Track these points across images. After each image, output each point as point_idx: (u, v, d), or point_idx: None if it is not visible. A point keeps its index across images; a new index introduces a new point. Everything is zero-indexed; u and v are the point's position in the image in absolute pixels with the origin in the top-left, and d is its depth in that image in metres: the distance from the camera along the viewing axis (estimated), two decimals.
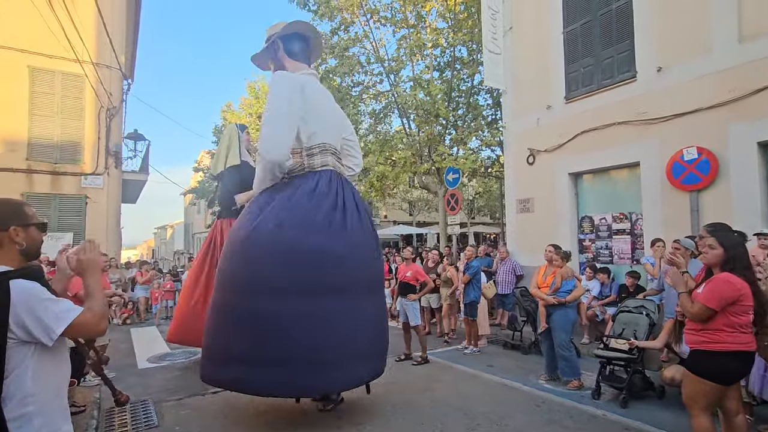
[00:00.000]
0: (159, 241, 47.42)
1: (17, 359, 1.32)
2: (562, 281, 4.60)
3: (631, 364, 4.06)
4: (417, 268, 6.10)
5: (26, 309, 1.32)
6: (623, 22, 6.58)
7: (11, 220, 1.47)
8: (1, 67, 8.98)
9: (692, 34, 5.80)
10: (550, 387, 4.56)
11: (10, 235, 1.45)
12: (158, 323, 9.46)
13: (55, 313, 1.36)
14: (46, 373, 1.40)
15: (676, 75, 5.95)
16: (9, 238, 1.45)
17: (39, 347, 1.37)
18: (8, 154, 9.04)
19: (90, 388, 4.42)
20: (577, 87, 7.21)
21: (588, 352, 5.49)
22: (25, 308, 1.32)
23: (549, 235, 7.11)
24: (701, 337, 2.51)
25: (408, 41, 11.41)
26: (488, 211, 26.20)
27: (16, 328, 1.31)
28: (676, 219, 5.81)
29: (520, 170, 8.19)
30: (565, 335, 4.55)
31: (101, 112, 9.97)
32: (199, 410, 4.00)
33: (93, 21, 9.06)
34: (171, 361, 5.94)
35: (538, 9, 7.92)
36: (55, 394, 1.45)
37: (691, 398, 2.54)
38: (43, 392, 1.37)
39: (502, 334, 6.91)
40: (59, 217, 9.46)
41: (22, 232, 1.48)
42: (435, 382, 4.71)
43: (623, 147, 6.52)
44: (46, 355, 1.39)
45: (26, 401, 1.33)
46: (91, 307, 1.47)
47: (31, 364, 1.35)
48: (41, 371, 1.38)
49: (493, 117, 12.21)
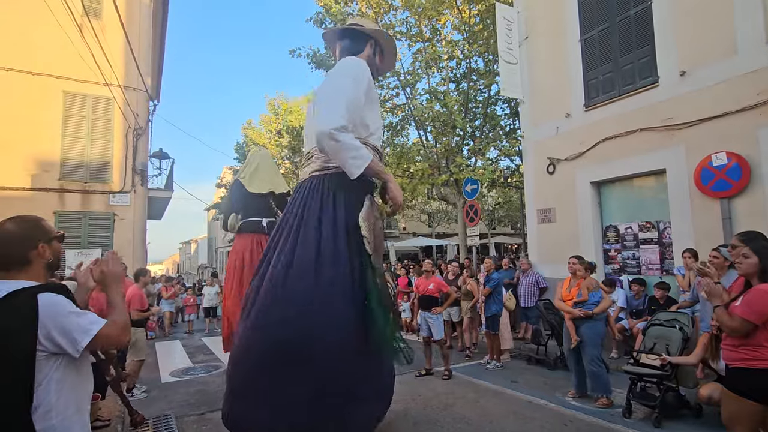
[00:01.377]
0: (184, 256, 48.56)
1: (44, 372, 1.36)
2: (589, 293, 4.45)
3: (664, 381, 3.87)
4: (438, 280, 6.01)
5: (53, 322, 1.36)
6: (643, 27, 6.46)
7: (38, 237, 1.52)
8: (39, 92, 9.50)
9: (715, 36, 5.64)
10: (578, 404, 4.38)
11: (38, 252, 1.50)
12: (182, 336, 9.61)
13: (81, 326, 1.40)
14: (68, 387, 1.42)
15: (701, 79, 5.77)
16: (38, 255, 1.50)
17: (64, 360, 1.40)
18: (43, 174, 9.48)
19: (115, 402, 4.49)
20: (597, 94, 7.08)
21: (617, 367, 5.26)
22: (52, 321, 1.36)
23: (572, 246, 6.92)
24: (741, 353, 2.36)
25: (423, 54, 11.50)
26: (509, 221, 25.84)
27: (45, 340, 1.35)
28: (707, 227, 5.57)
29: (540, 180, 8.05)
30: (595, 350, 4.37)
31: (128, 132, 10.37)
32: (220, 425, 3.99)
33: (121, 46, 9.49)
34: (193, 375, 6.00)
35: (554, 18, 7.87)
36: (77, 410, 1.47)
37: (732, 419, 2.39)
38: (65, 407, 1.40)
39: (525, 349, 6.71)
40: (89, 234, 9.80)
41: (48, 247, 1.54)
42: (457, 398, 4.59)
43: (647, 154, 6.34)
44: (70, 368, 1.43)
45: (49, 415, 1.35)
46: (115, 319, 1.52)
47: (55, 377, 1.38)
48: (64, 385, 1.40)
49: (511, 126, 12.12)
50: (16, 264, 1.46)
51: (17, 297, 1.36)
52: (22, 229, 1.49)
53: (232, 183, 5.03)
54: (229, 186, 5.48)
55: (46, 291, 1.41)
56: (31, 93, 9.42)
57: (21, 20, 9.32)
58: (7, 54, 9.22)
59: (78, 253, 9.27)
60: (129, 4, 10.39)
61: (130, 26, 9.19)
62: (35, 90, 9.46)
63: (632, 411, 4.01)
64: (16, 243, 1.46)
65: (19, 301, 1.36)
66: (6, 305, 1.35)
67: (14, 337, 1.32)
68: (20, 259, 1.46)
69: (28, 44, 9.39)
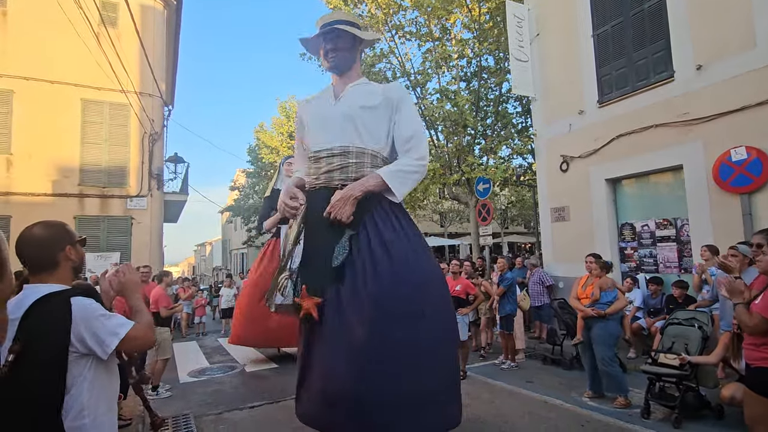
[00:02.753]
0: (199, 258, 49.30)
1: (77, 372, 1.41)
2: (602, 293, 4.39)
3: (684, 381, 3.80)
4: (466, 281, 5.91)
5: (85, 324, 1.41)
6: (657, 21, 6.35)
7: (65, 240, 1.57)
8: (59, 100, 9.78)
9: (732, 29, 5.51)
10: (594, 405, 4.33)
11: (66, 254, 1.56)
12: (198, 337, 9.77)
13: (110, 328, 1.45)
14: (100, 386, 1.47)
15: (718, 72, 5.65)
16: (65, 257, 1.56)
17: (95, 361, 1.45)
18: (63, 180, 9.75)
19: (135, 402, 4.60)
20: (611, 90, 6.98)
21: (635, 367, 5.18)
22: (84, 323, 1.41)
23: (587, 244, 6.84)
24: (762, 352, 2.31)
25: (433, 54, 11.47)
26: (522, 220, 25.58)
27: (77, 342, 1.40)
28: (727, 224, 5.45)
29: (553, 178, 7.97)
30: (608, 350, 4.31)
31: (144, 138, 10.60)
32: (237, 424, 4.07)
33: (136, 53, 9.71)
34: (210, 375, 6.10)
35: (565, 14, 7.78)
36: (108, 408, 1.52)
37: (756, 420, 2.34)
38: (96, 406, 1.45)
39: (541, 348, 6.65)
40: (107, 238, 10.05)
41: (74, 250, 1.59)
42: (472, 398, 4.57)
43: (664, 150, 6.23)
44: (100, 368, 1.48)
45: (83, 414, 1.40)
46: (140, 320, 1.58)
47: (88, 376, 1.43)
48: (96, 384, 1.46)
49: (523, 125, 12.00)
50: (47, 267, 1.52)
51: (51, 301, 1.43)
52: (49, 233, 1.55)
53: (271, 192, 6.15)
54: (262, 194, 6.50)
55: (77, 295, 1.47)
56: (51, 101, 9.71)
57: (41, 31, 9.60)
58: (28, 64, 9.51)
59: (97, 257, 9.51)
60: (143, 12, 10.63)
61: (144, 33, 9.39)
62: (55, 98, 9.74)
63: (651, 411, 3.94)
64: (46, 246, 1.52)
65: (53, 305, 1.42)
66: (40, 308, 1.40)
67: (49, 338, 1.37)
68: (50, 262, 1.52)
69: (48, 54, 9.67)
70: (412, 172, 2.49)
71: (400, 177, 2.44)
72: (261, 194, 15.89)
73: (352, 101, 2.60)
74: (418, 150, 2.51)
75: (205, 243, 46.57)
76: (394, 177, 2.42)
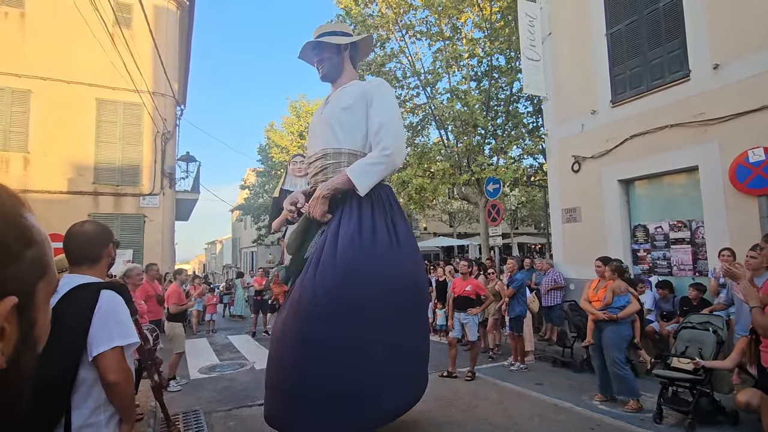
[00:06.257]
0: (209, 256, 49.79)
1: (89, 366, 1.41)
2: (614, 297, 4.33)
3: (698, 386, 3.73)
4: (476, 282, 5.85)
5: (101, 318, 1.43)
6: (673, 19, 6.24)
7: (109, 239, 1.66)
8: (74, 100, 9.96)
9: (750, 27, 5.39)
10: (605, 408, 4.27)
11: (108, 250, 1.65)
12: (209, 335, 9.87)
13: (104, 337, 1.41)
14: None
15: (735, 72, 5.53)
16: (107, 254, 1.64)
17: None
18: (78, 178, 9.93)
19: (147, 398, 4.66)
20: (625, 90, 6.88)
21: (646, 370, 5.10)
22: (98, 313, 1.43)
23: (599, 246, 6.76)
24: None
25: (444, 53, 11.42)
26: (532, 221, 25.37)
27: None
28: (743, 226, 5.34)
29: (564, 178, 7.89)
30: (619, 353, 4.26)
31: (157, 137, 10.74)
32: (246, 421, 4.10)
33: (149, 54, 9.84)
34: (220, 372, 6.16)
35: (578, 12, 7.69)
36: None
37: None
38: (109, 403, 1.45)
39: (551, 350, 6.58)
40: (121, 236, 10.18)
41: (114, 248, 1.70)
42: (481, 400, 4.55)
43: (679, 150, 6.12)
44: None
45: (99, 410, 1.42)
46: (124, 385, 1.45)
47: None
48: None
49: (534, 124, 11.89)
50: (89, 260, 1.59)
51: (86, 289, 1.47)
52: (99, 229, 1.65)
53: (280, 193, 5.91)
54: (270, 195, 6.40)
55: (110, 289, 1.51)
56: (67, 101, 9.89)
57: (58, 32, 9.78)
58: (45, 64, 9.70)
59: None
60: (157, 13, 10.77)
61: (157, 34, 9.51)
62: (71, 98, 9.92)
63: (663, 416, 3.88)
64: (95, 241, 1.61)
65: (85, 293, 1.47)
66: (75, 296, 1.45)
67: (71, 323, 1.40)
68: (94, 256, 1.60)
69: (65, 55, 9.85)
70: (375, 164, 2.58)
71: (361, 171, 2.56)
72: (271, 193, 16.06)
73: (334, 104, 2.80)
74: (384, 140, 2.60)
75: (215, 241, 47.01)
76: (355, 172, 2.55)
